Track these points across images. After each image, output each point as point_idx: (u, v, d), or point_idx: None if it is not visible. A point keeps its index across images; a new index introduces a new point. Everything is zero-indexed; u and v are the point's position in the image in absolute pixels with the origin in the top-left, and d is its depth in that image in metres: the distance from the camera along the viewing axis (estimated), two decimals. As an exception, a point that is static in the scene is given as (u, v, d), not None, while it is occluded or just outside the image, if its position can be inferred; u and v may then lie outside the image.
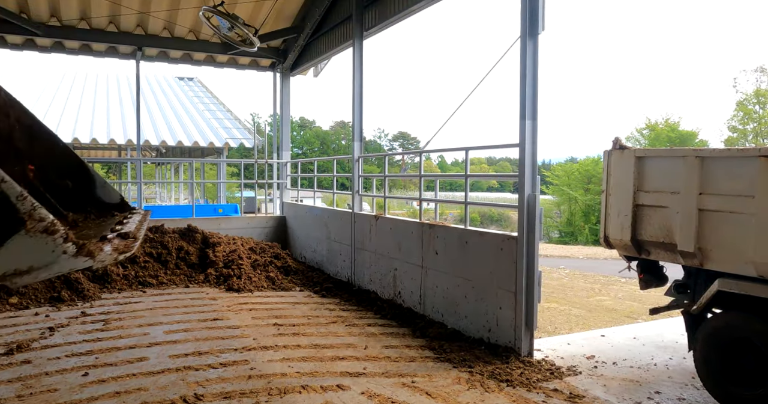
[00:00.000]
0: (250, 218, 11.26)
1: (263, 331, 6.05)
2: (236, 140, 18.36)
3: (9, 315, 6.68)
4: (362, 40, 8.68)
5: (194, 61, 12.12)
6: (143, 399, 4.17)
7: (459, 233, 6.07)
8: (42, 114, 18.75)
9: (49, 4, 9.81)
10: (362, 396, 4.28)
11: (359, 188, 8.63)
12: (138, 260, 8.76)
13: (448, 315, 6.22)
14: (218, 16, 7.68)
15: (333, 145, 79.13)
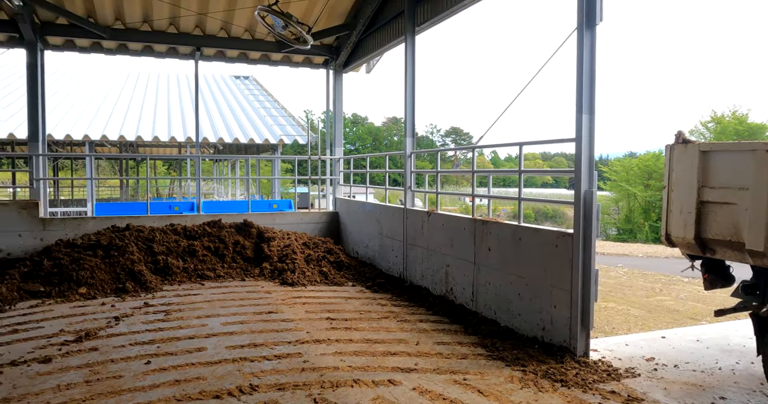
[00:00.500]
0: (304, 214, 11.44)
1: (316, 325, 6.15)
2: (290, 136, 18.67)
3: (78, 305, 7.05)
4: (414, 36, 8.65)
5: (250, 59, 12.39)
6: (202, 388, 4.31)
7: (512, 230, 5.97)
8: (108, 113, 19.64)
9: (114, 8, 10.24)
10: (413, 392, 4.28)
11: (411, 184, 8.62)
12: (197, 253, 9.06)
13: (500, 313, 6.14)
14: (273, 15, 7.81)
15: (385, 141, 79.35)
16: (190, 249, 9.11)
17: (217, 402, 4.08)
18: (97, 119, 18.72)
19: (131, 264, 8.15)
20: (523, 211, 6.14)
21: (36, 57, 10.34)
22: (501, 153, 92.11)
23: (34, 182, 10.16)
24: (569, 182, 70.59)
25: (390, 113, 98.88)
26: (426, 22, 8.42)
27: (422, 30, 8.72)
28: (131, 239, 8.89)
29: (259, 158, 15.55)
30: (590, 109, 5.06)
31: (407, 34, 8.60)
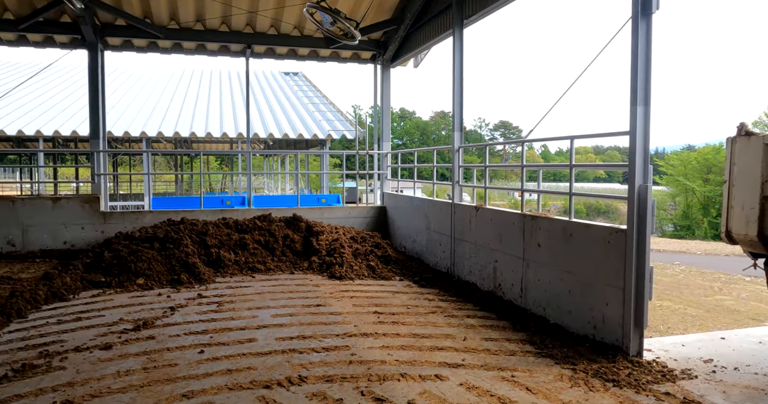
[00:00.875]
0: (352, 208, 11.53)
1: (364, 318, 6.20)
2: (338, 131, 18.84)
3: (136, 295, 7.34)
4: (462, 29, 8.56)
5: (299, 56, 12.55)
6: (252, 378, 4.43)
7: (563, 225, 5.85)
8: (164, 110, 20.29)
9: (169, 9, 10.56)
10: (460, 387, 4.27)
11: (459, 179, 8.56)
12: (248, 247, 9.27)
13: (550, 310, 6.03)
14: (321, 12, 7.88)
15: (433, 135, 79.01)
16: (242, 242, 9.33)
17: (267, 392, 4.17)
18: (153, 117, 19.39)
19: (186, 257, 8.41)
20: (574, 206, 6.00)
21: (96, 57, 10.78)
22: (551, 147, 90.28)
23: (96, 177, 10.62)
24: (623, 176, 68.53)
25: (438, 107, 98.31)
26: (474, 14, 8.32)
27: (470, 23, 8.62)
28: (186, 232, 9.18)
29: (308, 153, 15.76)
30: (645, 100, 4.90)
31: (455, 27, 8.52)
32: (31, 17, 10.14)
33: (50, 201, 10.16)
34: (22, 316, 6.22)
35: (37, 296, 6.81)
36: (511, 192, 42.20)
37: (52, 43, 11.15)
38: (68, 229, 10.13)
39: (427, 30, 10.25)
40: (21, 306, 6.39)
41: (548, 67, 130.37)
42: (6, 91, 15.69)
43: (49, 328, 5.79)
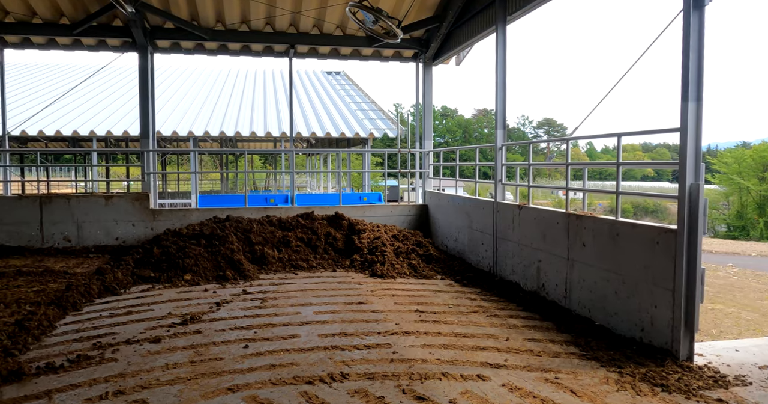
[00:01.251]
0: (393, 207, 11.55)
1: (405, 317, 6.21)
2: (380, 130, 18.89)
3: (184, 290, 7.54)
4: (505, 25, 8.46)
5: (341, 55, 12.64)
6: (295, 373, 4.49)
7: (609, 225, 5.71)
8: (210, 111, 20.77)
9: (215, 11, 10.80)
10: (503, 388, 4.23)
11: (502, 177, 8.46)
12: (291, 244, 9.40)
13: (595, 311, 5.90)
14: (363, 11, 7.92)
15: (475, 133, 78.33)
16: (285, 240, 9.47)
17: (309, 387, 4.23)
18: (200, 117, 19.87)
19: (231, 253, 8.60)
20: (621, 205, 5.85)
21: (146, 60, 11.12)
22: (597, 145, 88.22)
23: (146, 176, 10.97)
24: (673, 174, 66.40)
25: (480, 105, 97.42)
26: (518, 10, 8.20)
27: (514, 19, 8.50)
28: (231, 229, 9.38)
29: (350, 152, 15.87)
30: (697, 96, 4.73)
31: (498, 23, 8.42)
32: (85, 22, 10.54)
33: (103, 199, 10.55)
34: (77, 309, 6.49)
35: (90, 290, 7.09)
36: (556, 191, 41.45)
37: (105, 47, 11.57)
38: (119, 226, 10.50)
39: (470, 27, 10.17)
40: (76, 299, 6.67)
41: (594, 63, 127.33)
42: (62, 93, 16.37)
43: (101, 321, 6.02)
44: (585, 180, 6.87)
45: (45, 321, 5.77)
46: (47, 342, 5.31)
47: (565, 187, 6.82)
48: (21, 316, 5.98)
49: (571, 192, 6.83)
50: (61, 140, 19.87)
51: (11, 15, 10.58)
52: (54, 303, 6.47)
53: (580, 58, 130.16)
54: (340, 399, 4.03)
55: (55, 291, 7.16)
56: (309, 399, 4.02)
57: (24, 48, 11.59)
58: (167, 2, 10.44)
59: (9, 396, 4.07)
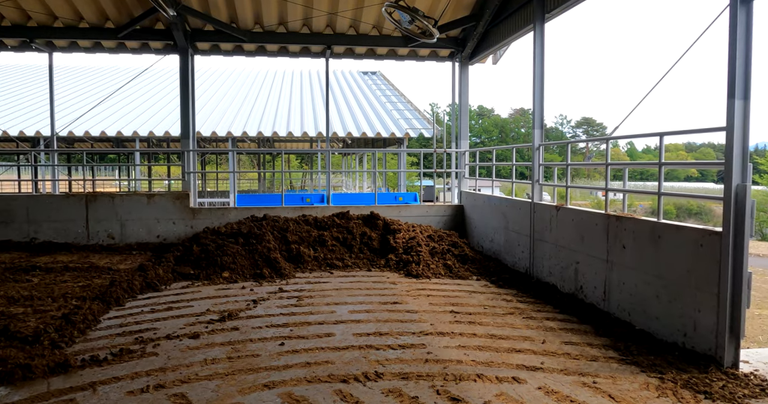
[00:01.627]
0: (429, 207, 11.52)
1: (440, 317, 6.18)
2: (416, 130, 18.87)
3: (222, 287, 7.69)
4: (543, 24, 8.34)
5: (377, 55, 12.67)
6: (330, 372, 4.52)
7: (651, 227, 5.57)
8: (248, 111, 21.10)
9: (254, 13, 10.97)
10: (539, 391, 4.17)
11: (539, 178, 8.35)
12: (327, 243, 9.48)
13: (635, 315, 5.76)
14: (399, 11, 7.92)
15: (512, 133, 77.48)
16: (320, 239, 9.55)
17: (344, 386, 4.25)
18: (238, 117, 20.21)
19: (268, 252, 8.72)
20: (663, 207, 5.70)
21: (187, 62, 11.37)
22: (638, 144, 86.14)
23: (186, 175, 11.22)
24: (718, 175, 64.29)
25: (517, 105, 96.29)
26: (556, 8, 8.07)
27: (552, 17, 8.37)
28: (268, 228, 9.51)
29: (386, 152, 15.89)
30: (745, 93, 4.57)
31: (536, 22, 8.31)
32: (129, 26, 10.85)
33: (145, 197, 10.84)
34: (120, 304, 6.69)
35: (133, 286, 7.30)
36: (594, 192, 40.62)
37: (148, 50, 11.88)
38: (161, 224, 10.78)
39: (507, 26, 10.06)
40: (119, 294, 6.87)
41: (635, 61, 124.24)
42: (106, 95, 16.89)
43: (143, 316, 6.19)
44: (625, 181, 6.71)
45: (90, 316, 5.97)
46: (92, 336, 5.48)
47: (604, 187, 6.68)
48: (67, 310, 6.20)
49: (610, 193, 6.69)
50: (105, 140, 20.50)
51: (60, 20, 10.97)
52: (98, 298, 6.68)
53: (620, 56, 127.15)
54: (375, 398, 4.04)
55: (100, 287, 7.40)
56: (343, 397, 4.05)
57: (71, 52, 11.99)
58: (207, 5, 10.65)
59: (56, 386, 4.23)
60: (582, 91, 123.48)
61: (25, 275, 8.17)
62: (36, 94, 23.19)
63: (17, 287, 7.44)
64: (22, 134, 17.65)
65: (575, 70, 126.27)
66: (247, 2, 10.59)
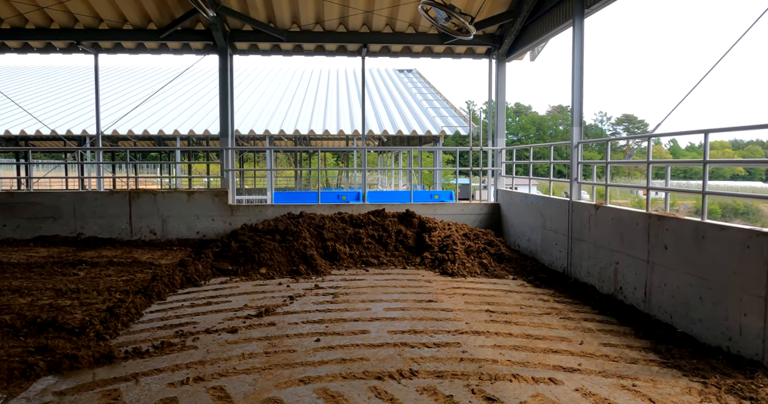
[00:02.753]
0: (465, 205, 11.45)
1: (475, 316, 6.15)
2: (452, 128, 18.77)
3: (259, 283, 7.81)
4: (583, 19, 8.18)
5: (413, 53, 12.65)
6: (365, 368, 4.55)
7: (694, 227, 5.41)
8: (285, 110, 21.35)
9: (291, 13, 11.09)
10: (576, 392, 4.10)
11: (578, 176, 8.20)
12: (362, 241, 9.52)
13: (677, 317, 5.61)
14: (436, 8, 7.89)
15: (550, 131, 76.28)
16: (356, 237, 9.60)
17: (378, 383, 4.27)
18: (275, 116, 20.47)
19: (304, 249, 8.82)
20: (707, 206, 5.53)
21: (226, 61, 11.57)
22: (681, 142, 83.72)
23: (224, 173, 11.44)
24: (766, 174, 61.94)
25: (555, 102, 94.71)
26: (595, 3, 7.91)
27: (592, 12, 8.21)
28: (304, 225, 9.61)
29: (421, 150, 15.86)
30: (796, 90, 4.39)
31: (575, 17, 8.16)
32: (170, 27, 11.11)
33: (185, 195, 11.10)
34: (162, 298, 6.87)
35: (174, 280, 7.49)
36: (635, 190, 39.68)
37: (188, 50, 12.14)
38: (200, 220, 11.02)
39: (545, 21, 9.91)
40: (161, 289, 7.06)
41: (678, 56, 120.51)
42: (149, 95, 17.34)
43: (183, 310, 6.34)
44: (668, 179, 6.54)
45: (133, 309, 6.15)
46: (134, 329, 5.65)
47: (645, 186, 6.52)
48: (112, 303, 6.40)
49: (652, 192, 6.53)
50: (148, 138, 21.05)
51: (105, 22, 11.31)
52: (141, 292, 6.88)
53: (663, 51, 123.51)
54: (409, 395, 4.05)
55: (142, 281, 7.61)
56: (378, 394, 4.07)
57: (116, 53, 12.35)
58: (246, 5, 10.82)
59: (100, 377, 4.37)
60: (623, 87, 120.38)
61: (72, 269, 8.47)
62: (82, 94, 23.98)
63: (65, 280, 7.72)
64: (69, 133, 18.28)
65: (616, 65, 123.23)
66: (285, 2, 10.71)
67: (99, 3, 10.76)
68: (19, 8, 10.81)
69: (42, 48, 12.19)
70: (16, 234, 11.05)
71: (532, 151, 10.72)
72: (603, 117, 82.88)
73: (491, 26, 11.33)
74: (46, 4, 10.64)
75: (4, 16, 11.17)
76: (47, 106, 21.74)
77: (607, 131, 79.60)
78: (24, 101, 21.06)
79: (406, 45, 12.22)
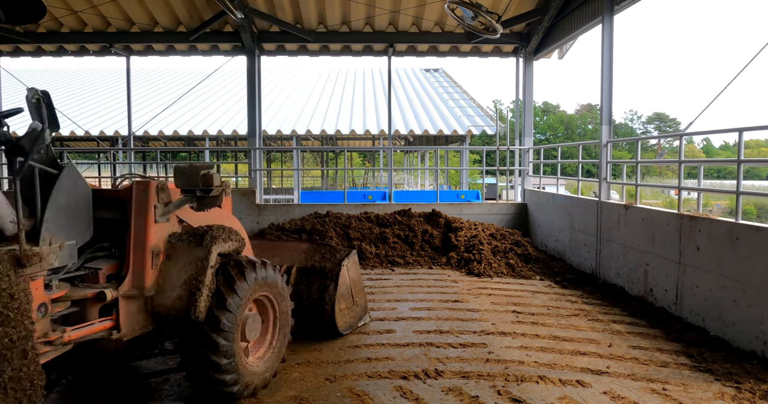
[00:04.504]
0: (491, 205, 11.38)
1: (501, 317, 6.10)
2: (478, 127, 18.65)
3: (286, 283, 7.87)
4: (612, 16, 8.05)
5: (439, 52, 12.62)
6: (390, 368, 4.56)
7: (728, 228, 5.28)
8: (311, 110, 21.50)
9: (317, 13, 11.15)
10: (604, 395, 4.04)
11: (607, 176, 8.08)
12: (388, 240, 9.54)
13: (709, 320, 5.49)
14: (462, 7, 7.85)
15: (578, 130, 75.22)
16: (382, 236, 9.62)
17: (404, 382, 4.28)
18: (302, 116, 20.63)
19: (330, 248, 8.86)
20: (741, 206, 5.39)
21: (254, 62, 11.70)
22: (715, 140, 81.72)
23: (252, 173, 11.56)
24: (805, 173, 60.02)
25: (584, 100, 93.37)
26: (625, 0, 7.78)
27: (621, 9, 8.07)
28: (330, 225, 9.67)
29: (448, 149, 15.81)
30: (836, 86, 4.25)
31: (604, 14, 8.03)
32: (199, 29, 11.28)
33: (214, 194, 11.24)
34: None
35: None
36: (666, 190, 38.88)
37: (217, 51, 12.31)
38: (229, 220, 11.14)
39: (573, 19, 9.78)
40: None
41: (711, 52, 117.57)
42: (178, 96, 17.64)
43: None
44: (700, 179, 6.40)
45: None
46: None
47: (677, 186, 6.39)
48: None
49: (684, 192, 6.40)
50: (177, 139, 21.41)
51: (136, 25, 11.54)
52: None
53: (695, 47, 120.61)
54: (435, 395, 4.04)
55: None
56: (403, 393, 4.07)
57: (147, 55, 12.60)
58: (273, 7, 10.92)
59: (132, 373, 4.46)
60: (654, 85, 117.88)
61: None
62: (114, 96, 24.51)
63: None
64: (102, 134, 18.71)
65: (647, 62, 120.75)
66: (311, 3, 10.78)
67: (131, 6, 10.98)
68: (54, 13, 11.11)
69: (76, 51, 12.49)
70: (51, 233, 11.34)
71: (560, 150, 10.59)
72: (633, 115, 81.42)
73: (518, 24, 11.23)
74: (81, 8, 10.90)
75: (41, 20, 11.47)
76: (81, 107, 22.29)
77: (638, 130, 78.15)
78: (59, 103, 21.63)
79: (432, 44, 12.19)
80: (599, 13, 8.40)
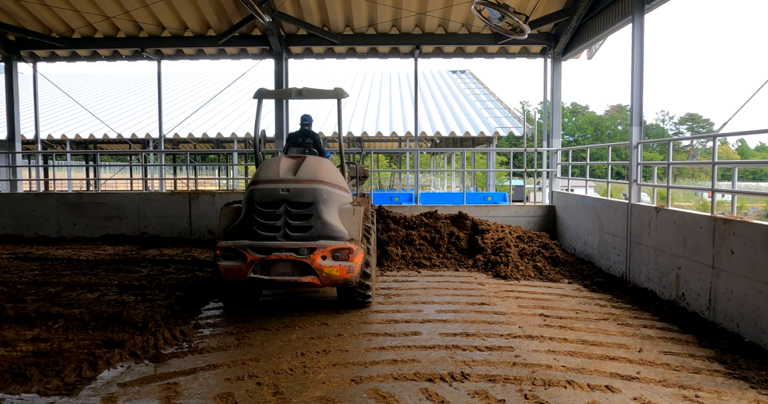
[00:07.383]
0: (519, 207, 11.28)
1: (529, 320, 6.04)
2: (505, 128, 18.52)
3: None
4: (643, 15, 7.91)
5: (466, 54, 12.56)
6: (416, 370, 4.55)
7: (764, 231, 5.13)
8: (338, 112, 21.60)
9: (344, 16, 11.22)
10: (634, 401, 3.97)
11: (637, 177, 7.93)
12: (414, 243, 9.52)
13: (744, 326, 5.34)
14: (489, 8, 7.80)
15: (608, 131, 74.05)
16: (408, 238, 9.60)
17: (429, 385, 4.26)
18: (329, 118, 20.75)
19: (356, 250, 8.88)
20: (778, 209, 5.23)
21: (282, 65, 11.83)
22: (750, 142, 79.59)
23: (279, 175, 11.65)
24: None
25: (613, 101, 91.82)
26: (658, -2, 7.64)
27: (653, 7, 7.93)
28: (356, 227, 9.68)
29: (474, 151, 15.72)
30: None
31: (635, 13, 7.90)
32: (228, 33, 11.45)
33: (242, 196, 11.38)
34: (218, 297, 7.07)
35: (230, 280, 7.70)
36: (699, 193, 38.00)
37: (245, 55, 12.48)
38: (256, 221, 11.26)
39: (602, 18, 9.64)
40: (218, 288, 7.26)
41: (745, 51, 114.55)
42: (207, 99, 17.91)
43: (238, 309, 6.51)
44: (734, 181, 6.24)
45: (191, 306, 6.36)
46: (192, 325, 5.84)
47: (710, 188, 6.24)
48: (173, 300, 6.65)
49: (718, 194, 6.24)
50: (206, 141, 21.75)
51: (167, 30, 11.77)
52: (199, 290, 7.10)
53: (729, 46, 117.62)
54: (461, 398, 4.02)
55: (201, 279, 7.86)
56: (429, 396, 4.06)
57: (177, 59, 12.83)
58: (300, 10, 11.02)
59: (161, 370, 4.55)
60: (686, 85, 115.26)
61: (135, 266, 8.85)
62: (145, 100, 25.01)
63: (129, 277, 8.07)
64: (133, 137, 19.11)
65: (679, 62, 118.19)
66: (338, 6, 10.85)
67: (162, 12, 11.21)
68: (89, 19, 11.39)
69: (109, 56, 12.79)
70: (85, 233, 11.64)
71: (589, 152, 10.44)
72: (665, 116, 79.84)
73: (546, 25, 11.12)
74: (113, 14, 11.16)
75: (76, 26, 11.80)
76: (113, 111, 22.80)
77: (669, 131, 76.59)
78: (93, 107, 22.16)
79: (459, 46, 12.15)
80: (629, 12, 8.27)
